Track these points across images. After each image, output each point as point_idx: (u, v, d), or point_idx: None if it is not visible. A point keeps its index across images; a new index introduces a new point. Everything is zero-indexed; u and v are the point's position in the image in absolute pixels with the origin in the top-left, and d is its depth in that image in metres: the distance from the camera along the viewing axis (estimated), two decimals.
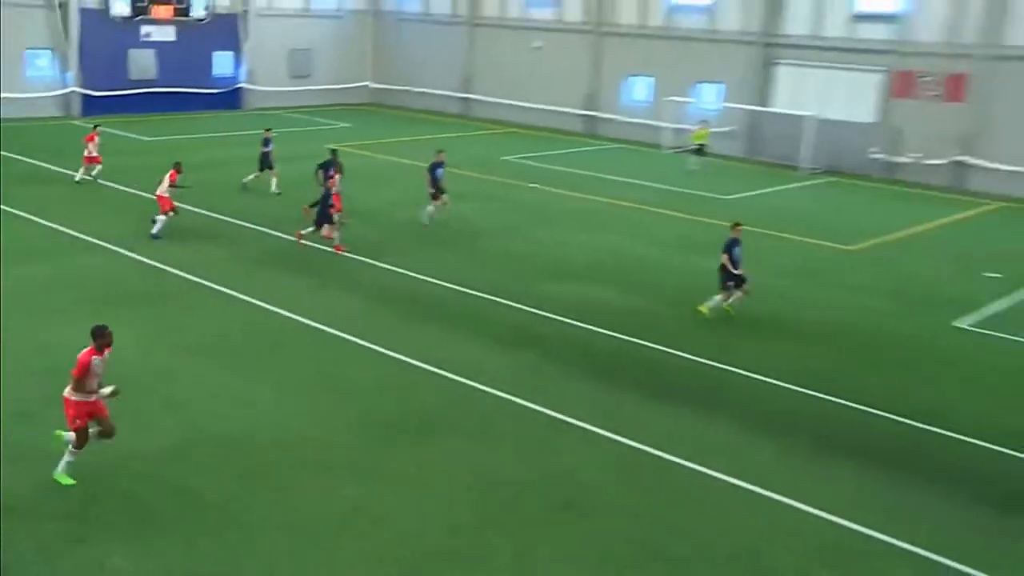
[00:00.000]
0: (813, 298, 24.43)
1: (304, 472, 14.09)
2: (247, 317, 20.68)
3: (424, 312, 21.73)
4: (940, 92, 42.18)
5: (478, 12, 57.09)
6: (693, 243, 29.23)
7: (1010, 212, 37.60)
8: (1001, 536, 13.56)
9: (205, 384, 17.11)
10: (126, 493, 13.26)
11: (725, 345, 20.39)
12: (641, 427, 16.11)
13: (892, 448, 16.12)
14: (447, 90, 57.93)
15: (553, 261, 26.53)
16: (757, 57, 46.78)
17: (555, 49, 53.72)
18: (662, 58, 49.75)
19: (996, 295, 25.39)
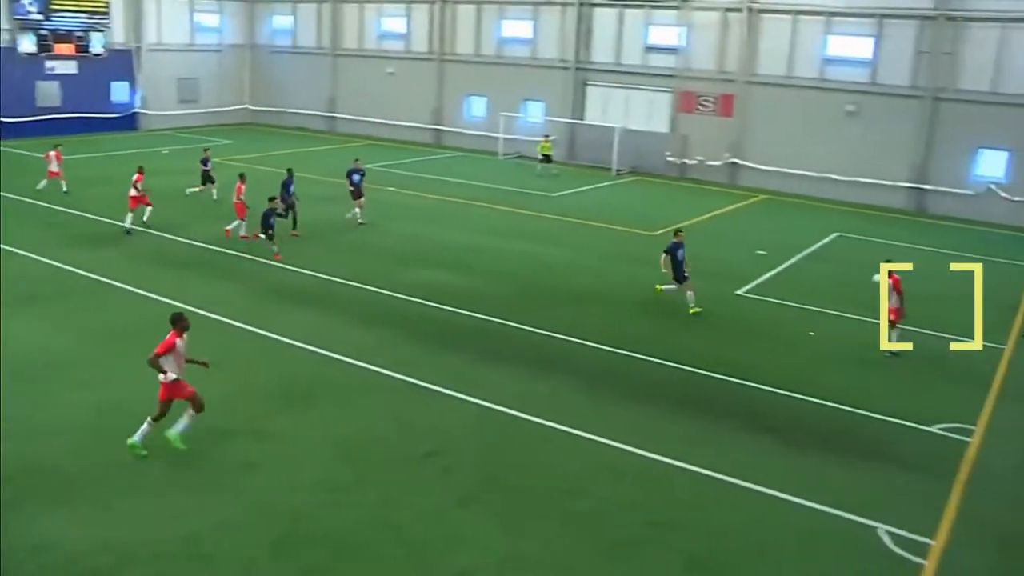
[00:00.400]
0: (624, 274, 24.96)
1: (203, 438, 13.69)
2: (143, 308, 19.85)
3: (298, 298, 21.33)
4: (714, 108, 43.75)
5: (340, 44, 56.17)
6: (523, 233, 29.52)
7: (771, 202, 39.16)
8: (762, 454, 14.18)
9: (110, 367, 16.44)
10: (47, 465, 12.74)
11: (549, 315, 20.66)
12: (485, 387, 16.23)
13: (684, 391, 16.66)
14: (315, 110, 56.82)
15: (407, 251, 26.37)
16: (571, 80, 47.46)
17: (405, 74, 53.33)
18: (494, 80, 49.96)
19: (765, 268, 26.46)
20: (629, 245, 28.74)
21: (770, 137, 42.22)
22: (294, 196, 27.76)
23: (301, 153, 45.66)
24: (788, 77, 41.65)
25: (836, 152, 40.42)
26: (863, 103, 39.97)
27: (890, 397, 16.98)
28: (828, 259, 28.55)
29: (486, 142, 49.24)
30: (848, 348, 19.79)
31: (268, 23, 58.92)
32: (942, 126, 38.48)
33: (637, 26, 45.50)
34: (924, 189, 39.12)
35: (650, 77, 45.27)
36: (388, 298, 21.64)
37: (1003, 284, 26.32)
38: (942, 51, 37.93)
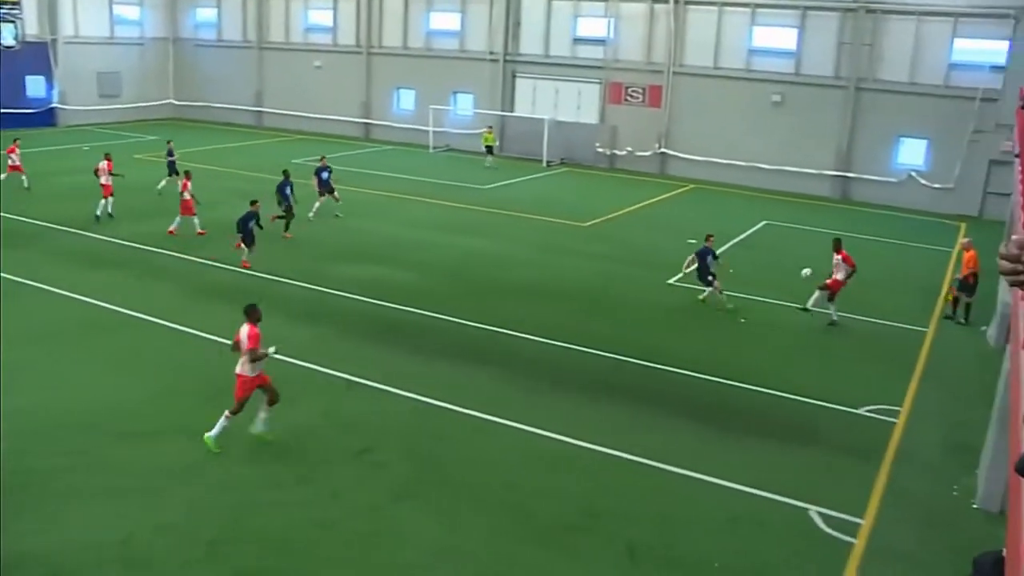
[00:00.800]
0: (557, 266, 25.07)
1: (135, 441, 13.41)
2: (70, 311, 19.37)
3: (231, 297, 20.83)
4: (643, 99, 44.16)
5: (266, 38, 55.31)
6: (455, 226, 29.48)
7: (701, 192, 39.70)
8: (695, 440, 14.39)
9: (36, 371, 15.97)
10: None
11: (482, 308, 20.68)
12: (419, 381, 16.17)
13: (617, 380, 16.79)
14: (241, 104, 55.91)
15: (339, 247, 26.12)
16: (501, 72, 47.47)
17: (333, 67, 52.79)
18: (423, 73, 49.73)
19: None
20: (562, 236, 28.87)
21: (698, 127, 42.79)
22: (293, 198, 27.29)
23: (228, 148, 44.96)
24: (715, 68, 42.26)
25: (763, 142, 41.15)
26: (788, 93, 40.74)
27: (819, 381, 17.36)
28: (757, 247, 29.04)
29: (416, 135, 49.00)
30: (778, 334, 20.18)
31: (191, 16, 57.74)
32: (864, 115, 39.46)
33: (565, 18, 45.73)
34: (848, 177, 40.06)
35: (579, 69, 45.52)
36: (321, 294, 21.42)
37: (924, 269, 27.11)
38: (863, 42, 38.88)
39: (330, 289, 21.71)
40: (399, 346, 18.12)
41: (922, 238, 31.85)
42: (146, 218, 27.99)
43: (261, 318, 13.49)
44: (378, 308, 20.56)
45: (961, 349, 19.95)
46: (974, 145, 37.20)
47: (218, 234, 26.64)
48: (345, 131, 52.11)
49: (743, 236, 30.30)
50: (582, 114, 45.90)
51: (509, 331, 19.21)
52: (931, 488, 13.46)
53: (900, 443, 14.79)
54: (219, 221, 28.14)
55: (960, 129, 37.26)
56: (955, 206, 37.55)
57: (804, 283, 21.20)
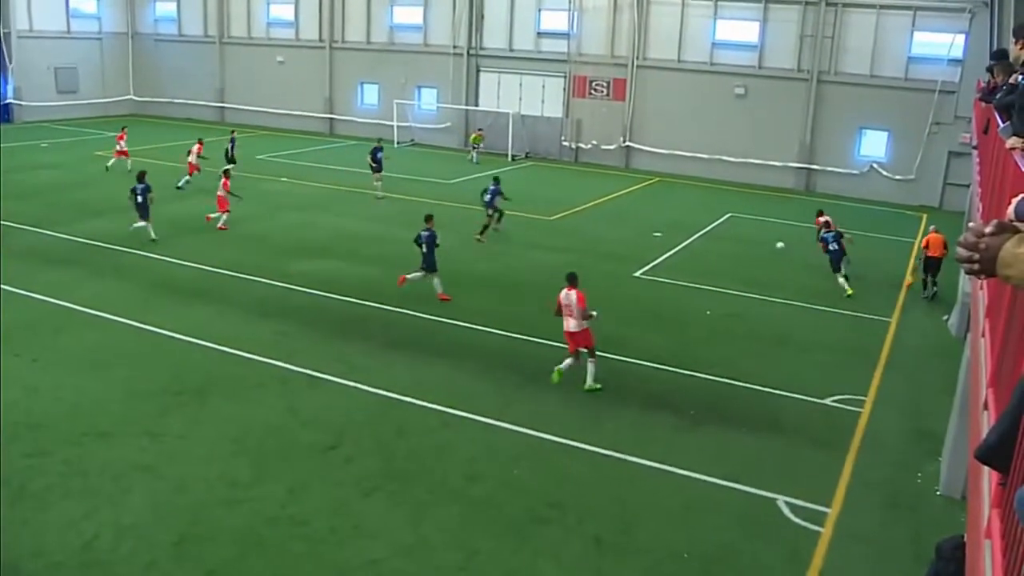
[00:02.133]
0: (520, 259, 25.02)
1: (93, 442, 13.17)
2: (30, 311, 18.98)
3: (187, 293, 20.70)
4: (607, 93, 44.19)
5: (227, 32, 54.76)
6: (418, 220, 29.22)
7: (666, 185, 39.84)
8: (660, 431, 14.39)
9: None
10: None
11: (447, 303, 20.56)
12: (382, 376, 16.07)
13: (580, 373, 16.73)
14: (203, 100, 55.31)
15: (299, 242, 25.92)
16: (464, 66, 47.31)
17: (296, 62, 52.37)
18: (387, 67, 49.48)
19: (661, 250, 26.87)
20: (527, 230, 28.82)
21: (662, 121, 42.91)
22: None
23: (190, 144, 44.33)
24: (678, 61, 42.39)
25: (727, 134, 41.35)
26: (751, 86, 40.96)
27: (785, 372, 17.44)
28: (722, 238, 29.17)
29: (380, 130, 48.66)
30: (744, 325, 20.26)
31: (150, 10, 56.99)
32: (826, 108, 39.78)
33: (529, 11, 45.65)
34: (812, 169, 40.37)
35: (543, 62, 45.47)
36: (281, 290, 21.21)
37: (887, 260, 27.37)
38: (824, 35, 39.18)
39: (290, 284, 21.50)
40: (361, 340, 17.98)
41: (884, 229, 32.16)
42: (106, 215, 27.56)
43: (575, 283, 15.74)
44: (339, 303, 20.40)
45: (924, 339, 20.16)
46: (934, 137, 37.66)
47: (176, 231, 26.34)
48: (308, 126, 51.73)
49: (708, 228, 30.43)
50: (547, 108, 45.86)
51: (470, 324, 19.14)
52: (895, 475, 13.56)
53: (865, 432, 14.90)
54: (177, 218, 27.87)
55: (920, 121, 37.69)
56: (916, 197, 37.98)
57: (771, 272, 21.29)
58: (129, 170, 33.74)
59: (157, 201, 26.30)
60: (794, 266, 25.91)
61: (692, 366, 17.36)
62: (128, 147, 36.08)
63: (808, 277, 24.66)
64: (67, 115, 52.47)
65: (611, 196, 35.88)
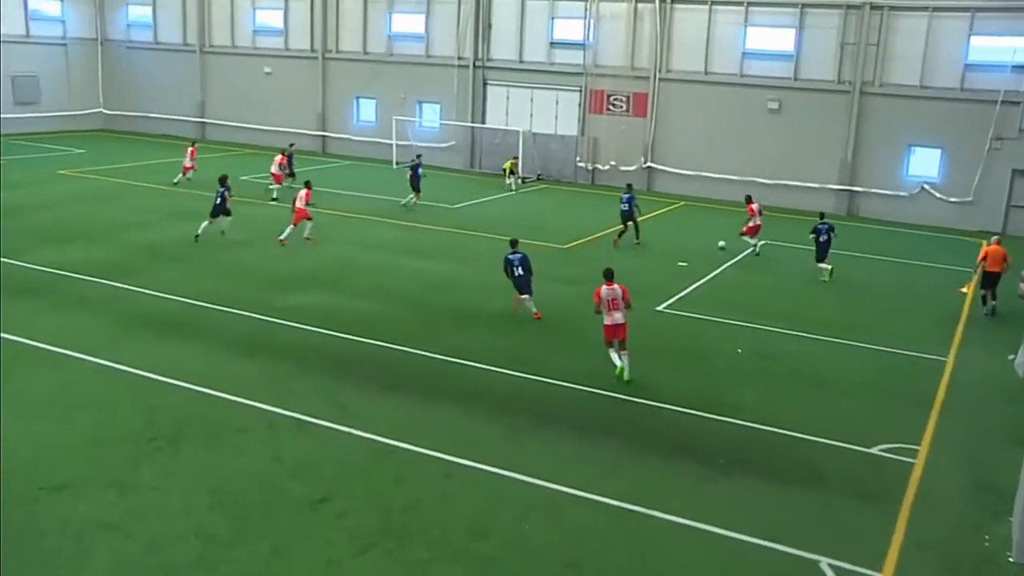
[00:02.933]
0: (538, 293, 24.84)
1: (51, 496, 13.05)
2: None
3: (163, 327, 20.66)
4: (627, 108, 44.44)
5: (209, 40, 55.29)
6: (420, 249, 29.36)
7: (692, 209, 39.87)
8: (685, 482, 14.22)
9: None
10: None
11: (447, 338, 20.54)
12: (378, 420, 15.94)
13: (596, 417, 16.61)
14: (182, 115, 55.80)
15: (289, 271, 25.91)
16: (470, 79, 47.62)
17: (285, 74, 52.91)
18: (385, 81, 49.93)
19: (687, 281, 26.79)
20: (537, 260, 28.56)
21: (688, 139, 43.07)
22: (636, 208, 31.81)
23: (166, 164, 44.59)
24: (705, 73, 42.62)
25: (759, 153, 41.44)
26: (786, 100, 41.10)
27: (826, 416, 17.27)
28: (755, 269, 29.09)
29: (378, 149, 48.98)
30: (779, 364, 20.11)
31: (122, 14, 57.55)
32: (871, 123, 39.83)
33: (541, 19, 46.03)
34: (854, 191, 40.37)
35: (556, 75, 45.76)
36: (267, 324, 21.16)
37: (941, 291, 27.21)
38: (868, 42, 39.30)
39: (278, 319, 21.45)
40: (356, 381, 17.89)
41: (938, 257, 32.03)
42: (74, 241, 27.64)
43: (610, 277, 18.72)
44: (332, 339, 20.33)
45: (985, 380, 19.95)
46: (995, 153, 37.60)
47: (152, 258, 26.38)
48: (299, 144, 51.91)
49: (739, 257, 30.35)
50: (560, 125, 46.10)
51: (477, 364, 19.03)
52: (956, 537, 13.32)
53: (919, 486, 14.67)
54: (153, 244, 27.94)
55: (978, 136, 37.63)
56: (975, 221, 37.87)
57: (810, 305, 21.14)
58: (188, 179, 38.24)
59: (131, 227, 26.43)
60: (834, 299, 25.80)
61: (721, 410, 17.20)
62: (113, 165, 36.10)
63: (850, 311, 24.53)
64: (26, 129, 52.70)
65: None
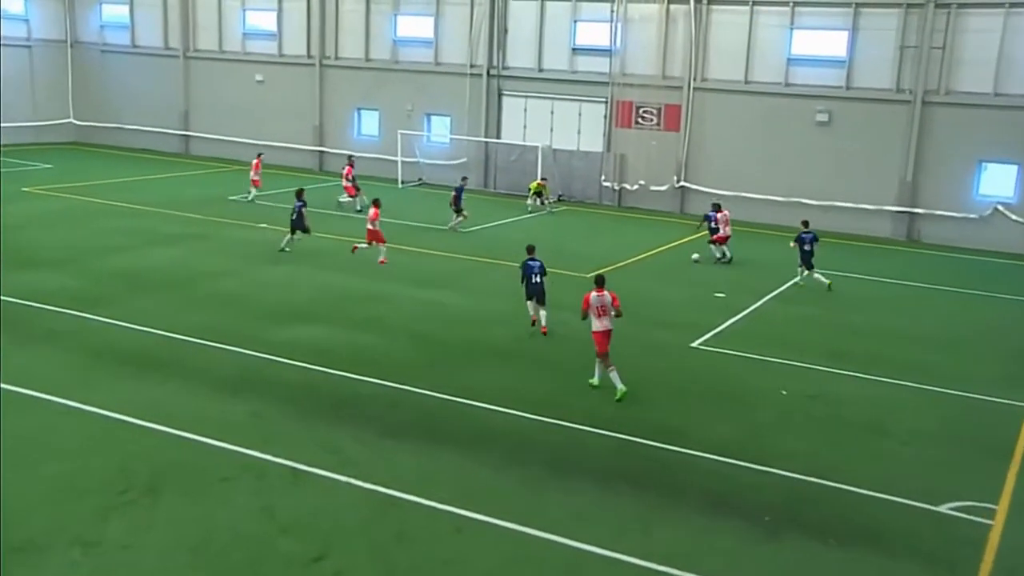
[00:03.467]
0: (552, 325, 24.87)
1: (9, 558, 12.95)
2: None
3: (140, 363, 20.64)
4: (658, 121, 44.55)
5: (193, 45, 55.72)
6: (424, 276, 29.45)
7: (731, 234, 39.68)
8: (726, 542, 14.09)
9: None
10: None
11: (456, 377, 20.50)
12: (380, 469, 15.86)
13: (623, 466, 16.49)
14: (163, 127, 56.17)
15: (279, 302, 25.98)
16: (484, 89, 47.85)
17: (279, 83, 53.29)
18: (389, 91, 50.21)
19: (725, 314, 26.69)
20: (558, 290, 28.63)
21: (726, 155, 43.09)
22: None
23: (143, 181, 44.95)
24: (745, 82, 42.70)
25: (806, 172, 41.38)
26: (837, 111, 41.07)
27: (884, 469, 17.09)
28: (801, 301, 28.99)
29: (381, 167, 49.11)
30: (829, 408, 19.97)
31: (95, 13, 57.98)
32: (934, 136, 39.64)
33: (562, 23, 46.29)
34: (915, 213, 40.19)
35: (579, 85, 45.96)
36: (256, 361, 21.15)
37: (1018, 326, 27.02)
38: (932, 45, 39.12)
39: (269, 354, 21.45)
40: (355, 425, 17.84)
41: (1015, 287, 31.80)
42: (34, 269, 27.72)
43: (601, 283, 20.19)
44: (328, 378, 20.31)
45: None
46: None
47: (129, 287, 26.46)
48: (294, 161, 52.33)
49: (783, 288, 30.29)
50: (584, 140, 46.26)
51: (489, 405, 18.97)
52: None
53: (998, 551, 14.43)
54: (130, 271, 28.03)
55: None
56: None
57: (864, 347, 21.00)
58: (249, 200, 40.21)
59: (106, 251, 26.51)
60: (893, 334, 25.66)
61: (764, 459, 17.06)
62: (85, 182, 36.29)
63: (911, 348, 24.38)
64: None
65: (662, 248, 35.80)
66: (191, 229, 33.79)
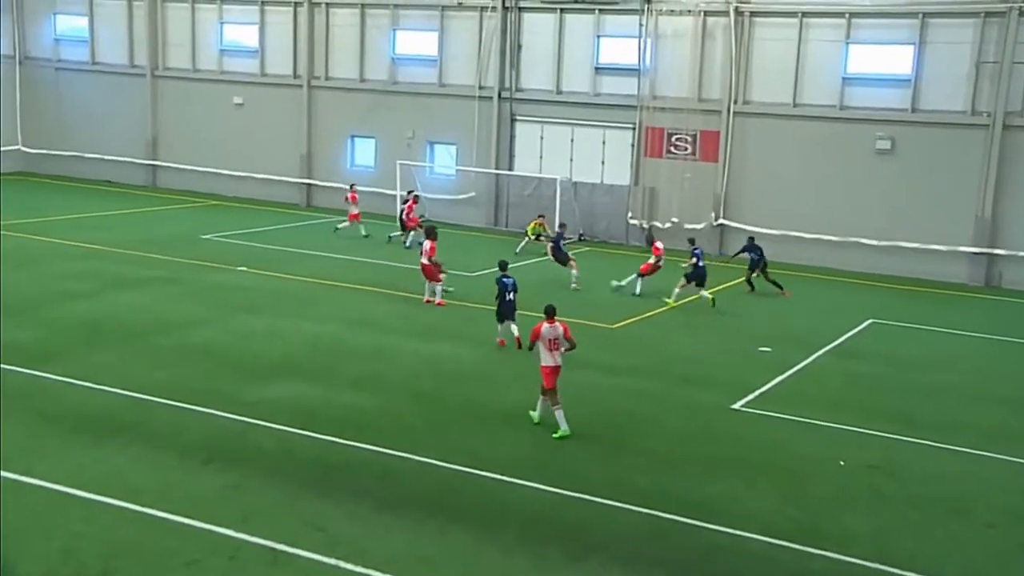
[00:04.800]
0: (568, 384, 24.64)
1: None
2: None
3: (97, 428, 20.48)
4: (693, 150, 44.58)
5: (163, 63, 56.08)
6: (423, 326, 29.44)
7: (774, 277, 39.50)
8: None
9: None
10: None
11: (463, 443, 20.42)
12: (376, 551, 15.73)
13: (656, 548, 16.32)
14: (128, 155, 56.32)
15: (259, 356, 25.94)
16: (495, 113, 48.09)
17: (260, 106, 53.57)
18: (388, 116, 50.43)
19: (772, 371, 26.52)
20: (579, 343, 28.53)
21: (771, 189, 43.05)
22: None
23: (104, 217, 45.08)
24: (794, 105, 42.79)
25: (865, 207, 41.32)
26: (901, 137, 41.09)
27: (966, 553, 16.90)
28: (860, 355, 28.85)
29: (377, 202, 49.13)
30: (896, 482, 19.80)
31: (49, 25, 58.26)
32: (1017, 166, 39.57)
33: (584, 39, 46.59)
34: (995, 254, 40.07)
35: (603, 109, 46.17)
36: (233, 424, 21.05)
37: None
38: (1014, 60, 39.05)
39: (247, 417, 21.35)
40: (345, 498, 17.74)
41: None
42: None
43: (552, 314, 21.39)
44: (315, 443, 20.20)
45: None
46: None
47: (87, 338, 26.42)
48: (278, 195, 52.58)
49: (839, 341, 30.18)
50: (608, 171, 46.39)
51: (500, 476, 18.91)
52: None
53: None
54: (78, 319, 28.01)
55: None
56: None
57: (937, 410, 20.88)
58: (365, 235, 42.25)
59: (60, 298, 26.48)
60: (968, 395, 25.49)
61: (822, 542, 16.88)
62: (37, 218, 36.26)
63: (992, 412, 24.16)
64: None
65: (697, 295, 35.67)
66: (159, 272, 33.77)
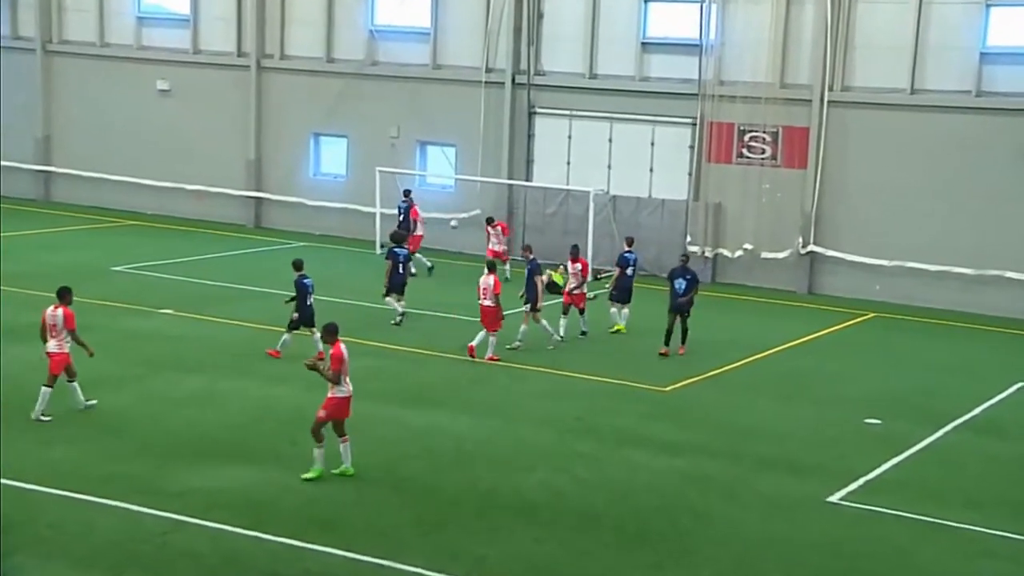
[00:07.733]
0: (605, 465, 24.72)
1: None
2: None
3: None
4: (772, 153, 44.44)
5: (59, 34, 56.27)
6: (413, 389, 29.40)
7: (888, 325, 39.70)
8: None
9: None
10: None
11: (465, 546, 20.46)
12: None
13: None
14: (10, 159, 55.79)
15: (189, 430, 25.99)
16: (508, 104, 48.07)
17: (192, 93, 53.70)
18: (363, 107, 50.62)
19: (883, 452, 26.41)
20: (618, 411, 28.60)
21: (880, 205, 42.98)
22: None
23: None
24: (911, 92, 42.83)
25: (1011, 230, 41.07)
26: None
27: None
28: (1008, 433, 28.79)
29: (350, 221, 49.17)
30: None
31: None
32: None
33: (625, 3, 46.46)
34: None
35: (652, 97, 46.17)
36: (155, 522, 21.04)
37: None
38: None
39: (171, 512, 21.36)
40: None
41: None
42: None
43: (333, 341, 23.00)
44: (263, 547, 20.22)
45: None
46: None
47: None
48: (218, 212, 52.75)
49: (977, 411, 30.11)
50: (658, 181, 46.25)
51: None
52: None
53: None
54: None
55: None
56: None
57: None
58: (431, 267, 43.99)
59: None
60: None
61: None
62: None
63: None
64: None
65: (781, 348, 35.72)
66: None
